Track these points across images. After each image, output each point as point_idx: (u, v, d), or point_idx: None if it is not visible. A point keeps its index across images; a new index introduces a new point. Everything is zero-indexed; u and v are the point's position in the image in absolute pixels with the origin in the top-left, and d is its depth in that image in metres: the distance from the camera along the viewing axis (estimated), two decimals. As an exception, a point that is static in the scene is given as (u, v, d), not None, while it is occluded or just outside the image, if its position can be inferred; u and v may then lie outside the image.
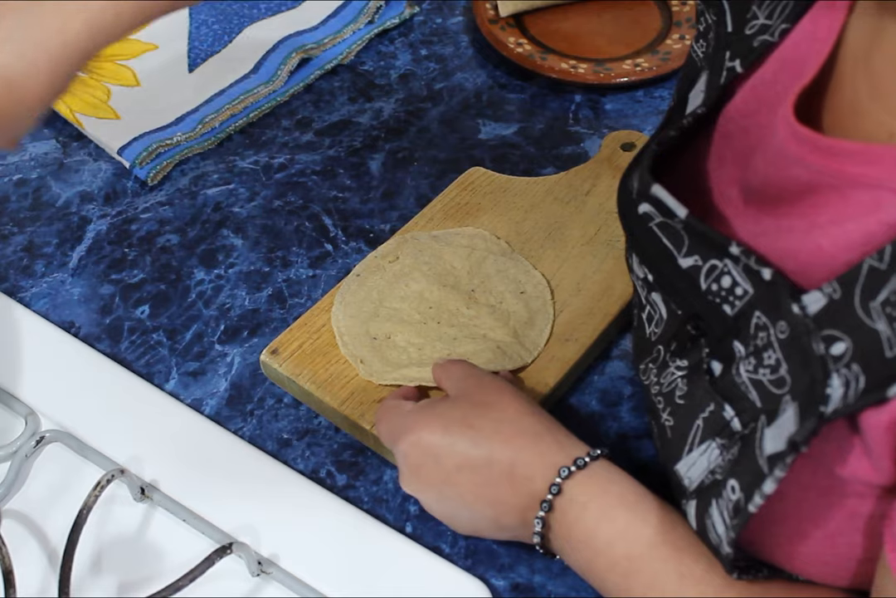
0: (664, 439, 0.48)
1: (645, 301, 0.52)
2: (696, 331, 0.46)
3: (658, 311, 0.50)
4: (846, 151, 0.38)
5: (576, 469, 0.50)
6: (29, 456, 0.62)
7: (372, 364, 0.62)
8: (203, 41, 0.86)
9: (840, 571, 0.44)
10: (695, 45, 0.50)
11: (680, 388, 0.47)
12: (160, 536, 0.60)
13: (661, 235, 0.46)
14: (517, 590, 0.58)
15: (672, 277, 0.46)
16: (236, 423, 0.65)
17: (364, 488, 0.62)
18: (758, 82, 0.45)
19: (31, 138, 0.83)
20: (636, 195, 0.47)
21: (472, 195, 0.72)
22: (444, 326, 0.63)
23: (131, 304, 0.72)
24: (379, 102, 0.84)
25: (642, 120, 0.82)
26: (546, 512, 0.50)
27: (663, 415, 0.48)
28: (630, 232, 0.51)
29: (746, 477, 0.41)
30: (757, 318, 0.41)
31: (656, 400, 0.49)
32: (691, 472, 0.46)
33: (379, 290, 0.65)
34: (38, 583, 0.58)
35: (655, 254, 0.47)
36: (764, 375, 0.40)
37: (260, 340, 0.69)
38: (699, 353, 0.46)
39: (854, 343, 0.36)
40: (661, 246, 0.46)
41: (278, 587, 0.57)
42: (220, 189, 0.79)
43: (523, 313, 0.64)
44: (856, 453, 0.39)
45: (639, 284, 0.52)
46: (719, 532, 0.43)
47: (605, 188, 0.72)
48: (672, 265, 0.45)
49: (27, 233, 0.76)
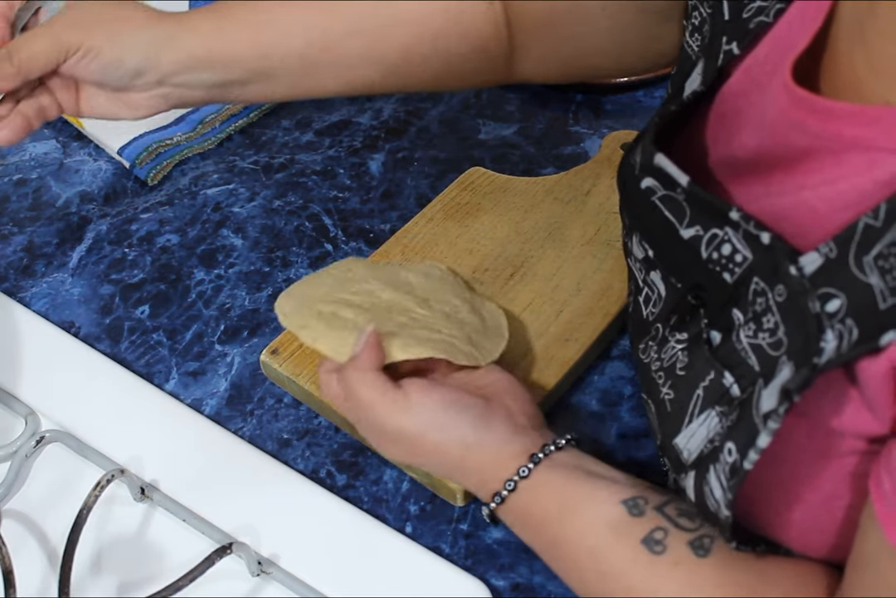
0: (663, 415, 0.49)
1: (642, 284, 0.52)
2: (696, 301, 0.47)
3: (656, 290, 0.51)
4: (843, 113, 0.39)
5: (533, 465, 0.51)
6: (29, 456, 0.62)
7: (316, 329, 0.56)
8: (203, 41, 0.86)
9: (835, 538, 0.45)
10: (689, 39, 0.51)
11: (680, 360, 0.47)
12: (160, 536, 0.60)
13: (664, 209, 0.46)
14: (517, 590, 0.58)
15: (674, 250, 0.47)
16: (236, 423, 0.65)
17: (364, 489, 0.62)
18: (752, 63, 0.46)
19: (31, 138, 0.83)
20: (639, 170, 0.48)
21: (472, 195, 0.72)
22: (395, 314, 0.58)
23: (131, 304, 0.72)
24: (379, 101, 0.84)
25: (642, 120, 0.81)
26: (509, 491, 0.51)
27: (663, 389, 0.49)
28: (632, 209, 0.51)
29: (742, 438, 0.41)
30: (755, 284, 0.42)
31: (656, 376, 0.49)
32: (691, 443, 0.46)
33: (329, 286, 0.61)
34: (38, 583, 0.58)
35: (657, 228, 0.48)
36: (763, 339, 0.41)
37: (260, 340, 0.69)
38: (698, 324, 0.47)
39: (848, 299, 0.37)
40: (662, 219, 0.47)
41: (278, 587, 0.57)
42: (220, 189, 0.79)
43: (478, 326, 0.60)
44: (854, 405, 0.39)
45: (636, 267, 0.53)
46: (717, 497, 0.44)
47: (605, 188, 0.72)
48: (674, 238, 0.46)
49: (27, 233, 0.76)
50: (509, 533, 0.60)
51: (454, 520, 0.60)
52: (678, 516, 0.48)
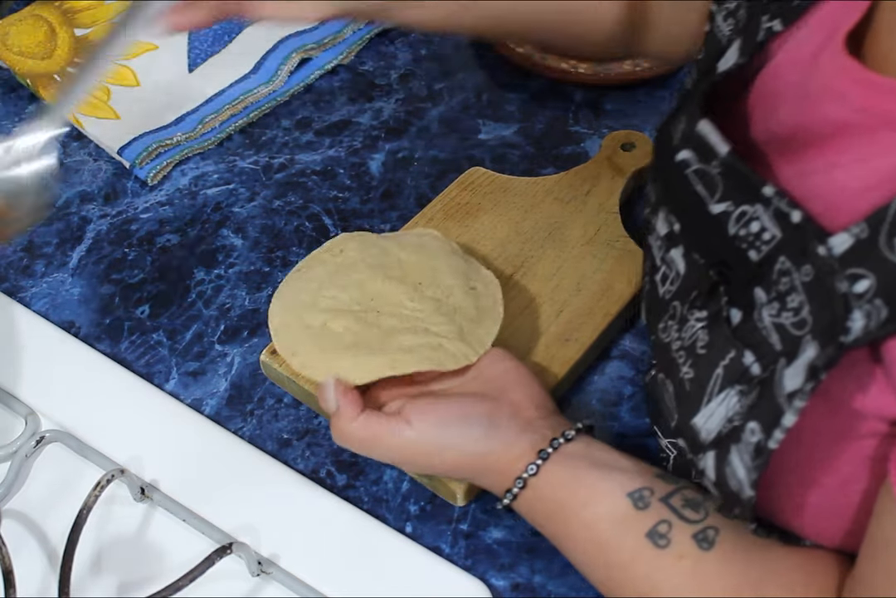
0: (682, 394, 0.49)
1: (660, 262, 0.52)
2: (719, 276, 0.47)
3: (674, 268, 0.51)
4: (886, 88, 0.40)
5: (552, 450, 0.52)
6: (29, 456, 0.62)
7: (307, 355, 0.57)
8: (203, 41, 0.86)
9: (849, 524, 0.45)
10: (722, 24, 0.51)
11: (701, 339, 0.47)
12: (160, 536, 0.60)
13: (695, 183, 0.46)
14: (517, 590, 0.58)
15: (701, 225, 0.47)
16: (236, 423, 0.65)
17: (364, 488, 0.62)
18: (796, 39, 0.46)
19: (31, 138, 0.83)
20: (677, 141, 0.48)
21: (472, 195, 0.72)
22: (385, 316, 0.58)
23: (131, 304, 0.72)
24: (379, 101, 0.84)
25: (642, 120, 0.81)
26: (520, 488, 0.52)
27: (683, 368, 0.48)
28: (663, 182, 0.51)
29: (766, 417, 0.42)
30: (781, 263, 0.42)
31: (676, 355, 0.49)
32: (709, 423, 0.46)
33: (319, 280, 0.60)
34: (38, 583, 0.58)
35: (686, 203, 0.48)
36: (786, 318, 0.41)
37: (260, 340, 0.69)
38: (718, 302, 0.47)
39: (878, 279, 0.38)
40: (692, 194, 0.47)
41: (278, 587, 0.57)
42: (220, 189, 0.79)
43: (471, 310, 0.60)
44: (878, 386, 0.40)
45: (657, 244, 0.53)
46: (740, 477, 0.44)
47: (605, 188, 0.72)
48: (702, 213, 0.46)
49: (27, 233, 0.76)
50: (509, 533, 0.60)
51: (454, 520, 0.60)
52: (683, 507, 0.49)
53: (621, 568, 0.49)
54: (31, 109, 0.85)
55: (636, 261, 0.68)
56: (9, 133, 0.82)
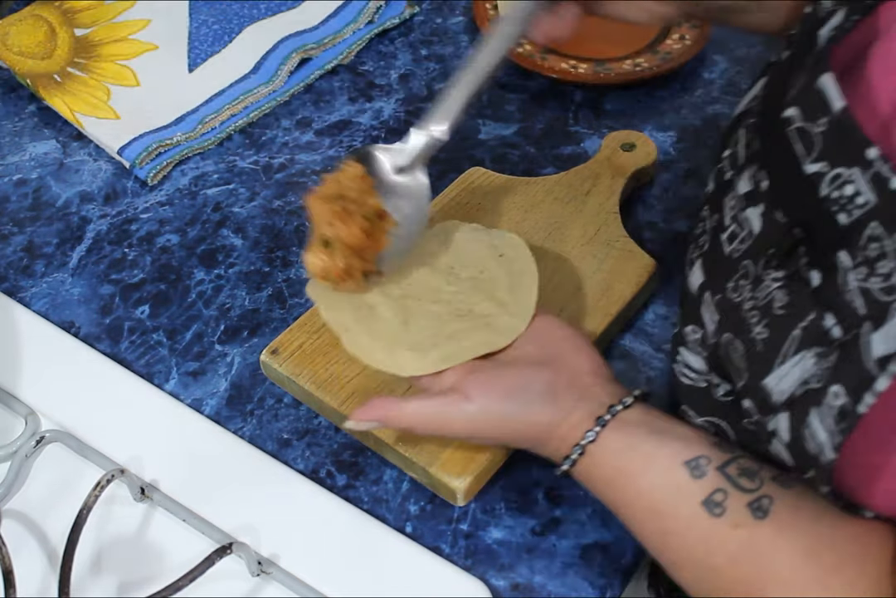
0: (753, 355, 0.49)
1: (730, 221, 0.52)
2: (802, 237, 0.47)
3: (748, 227, 0.50)
4: None
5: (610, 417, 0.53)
6: (29, 456, 0.62)
7: (358, 336, 0.56)
8: (203, 41, 0.86)
9: None
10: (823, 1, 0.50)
11: (779, 299, 0.47)
12: (160, 536, 0.60)
13: (794, 140, 0.46)
14: (517, 590, 0.58)
15: (791, 184, 0.47)
16: (236, 423, 0.65)
17: (364, 488, 0.62)
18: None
19: (31, 138, 0.83)
20: (791, 97, 0.47)
21: (472, 195, 0.72)
22: (426, 303, 0.58)
23: (131, 304, 0.72)
24: (379, 101, 0.84)
25: (642, 120, 0.82)
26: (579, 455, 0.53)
27: (756, 329, 0.48)
28: (762, 138, 0.51)
29: (851, 381, 0.42)
30: (872, 229, 0.42)
31: (749, 315, 0.49)
32: (782, 384, 0.46)
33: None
34: (38, 583, 0.58)
35: (781, 160, 0.47)
36: (874, 283, 0.41)
37: (260, 340, 0.69)
38: (797, 263, 0.47)
39: None
40: (789, 151, 0.46)
41: (278, 587, 0.57)
42: (220, 189, 0.79)
43: (506, 279, 0.60)
44: None
45: (730, 204, 0.52)
46: (820, 440, 0.44)
47: (605, 188, 0.72)
48: (795, 172, 0.46)
49: (27, 233, 0.76)
50: (509, 533, 0.60)
51: (454, 520, 0.60)
52: (739, 476, 0.49)
53: (677, 535, 0.50)
54: (31, 108, 0.85)
55: (636, 261, 0.68)
56: (9, 132, 0.83)
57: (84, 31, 0.88)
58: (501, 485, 0.61)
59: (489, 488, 0.61)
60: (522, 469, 0.62)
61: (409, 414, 0.54)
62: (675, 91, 0.84)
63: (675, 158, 0.79)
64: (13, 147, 0.82)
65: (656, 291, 0.70)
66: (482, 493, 0.60)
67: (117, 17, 0.89)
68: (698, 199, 0.75)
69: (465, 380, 0.54)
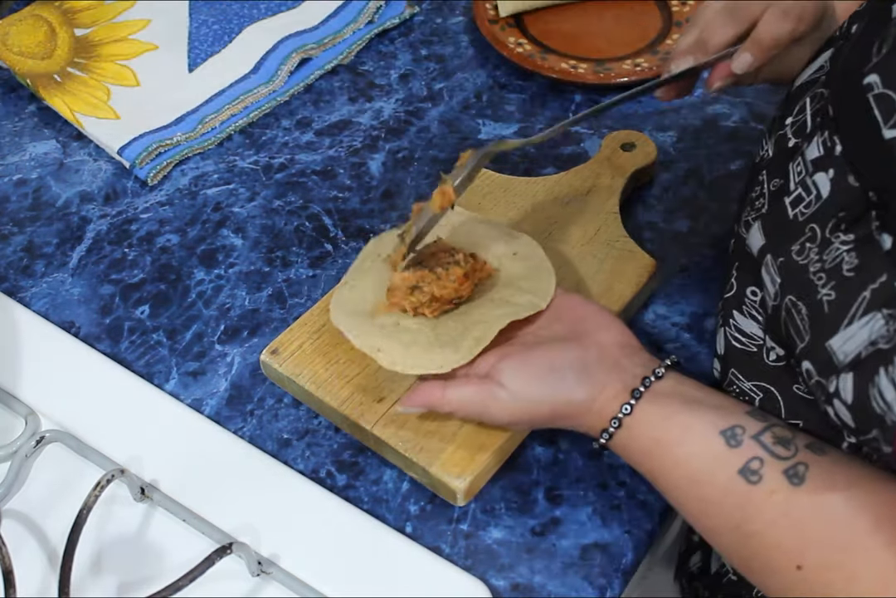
0: (818, 317, 0.49)
1: (795, 186, 0.53)
2: (877, 200, 0.47)
3: (815, 191, 0.51)
4: None
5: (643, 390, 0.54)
6: (29, 456, 0.62)
7: (392, 351, 0.57)
8: (203, 41, 0.86)
9: None
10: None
11: (848, 261, 0.48)
12: (160, 536, 0.60)
13: (875, 106, 0.47)
14: (517, 590, 0.58)
15: (868, 149, 0.47)
16: (236, 423, 0.65)
17: (364, 489, 0.62)
18: None
19: (31, 138, 0.83)
20: (871, 66, 0.48)
21: (472, 195, 0.72)
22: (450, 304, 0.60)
23: (131, 304, 0.72)
24: (379, 101, 0.84)
25: (642, 120, 0.82)
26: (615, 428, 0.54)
27: (823, 290, 0.49)
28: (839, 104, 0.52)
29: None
30: None
31: (815, 277, 0.50)
32: (847, 345, 0.47)
33: (372, 290, 0.62)
34: (38, 583, 0.58)
35: (860, 125, 0.48)
36: None
37: (260, 340, 0.69)
38: (868, 226, 0.47)
39: None
40: (868, 117, 0.47)
41: (278, 587, 0.57)
42: (220, 189, 0.79)
43: (523, 272, 0.61)
44: None
45: (797, 169, 0.53)
46: (888, 399, 0.44)
47: (605, 188, 0.72)
48: (874, 136, 0.46)
49: (27, 233, 0.76)
50: (509, 533, 0.60)
51: (454, 520, 0.60)
52: (774, 444, 0.50)
53: (714, 503, 0.51)
54: (31, 108, 0.85)
55: (636, 261, 0.68)
56: (9, 132, 0.83)
57: (84, 31, 0.88)
58: (501, 485, 0.61)
59: (489, 488, 0.61)
60: (522, 469, 0.62)
61: (451, 400, 0.55)
62: (675, 91, 0.84)
63: (675, 158, 0.79)
64: (13, 147, 0.82)
65: (656, 291, 0.70)
66: (482, 493, 0.60)
67: (117, 17, 0.89)
68: (698, 199, 0.76)
69: (497, 367, 0.55)
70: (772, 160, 0.57)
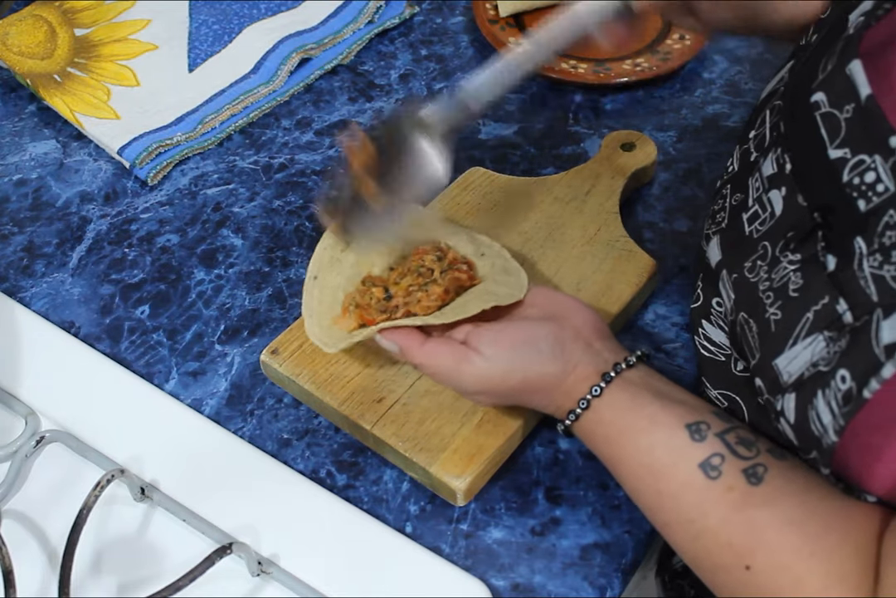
0: (766, 335, 0.49)
1: (753, 202, 0.53)
2: (821, 221, 0.47)
3: (770, 208, 0.51)
4: None
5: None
6: (29, 456, 0.62)
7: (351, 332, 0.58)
8: (203, 41, 0.86)
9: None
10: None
11: (794, 281, 0.48)
12: (160, 536, 0.60)
13: (820, 125, 0.47)
14: (517, 590, 0.58)
15: (814, 168, 0.47)
16: (236, 423, 0.65)
17: (364, 489, 0.62)
18: None
19: (31, 138, 0.83)
20: (818, 83, 0.48)
21: (472, 195, 0.72)
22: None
23: (131, 304, 0.72)
24: (379, 101, 0.84)
25: (642, 120, 0.82)
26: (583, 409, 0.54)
27: (770, 309, 0.49)
28: (789, 122, 0.52)
29: (859, 366, 0.42)
30: (890, 216, 0.42)
31: (764, 296, 0.50)
32: (791, 365, 0.47)
33: (343, 288, 0.61)
34: (38, 583, 0.58)
35: (806, 144, 0.48)
36: (888, 271, 0.42)
37: (260, 340, 0.69)
38: (814, 247, 0.47)
39: None
40: (815, 136, 0.47)
41: (278, 587, 0.57)
42: (220, 189, 0.79)
43: (494, 270, 0.61)
44: None
45: (755, 185, 0.53)
46: (825, 422, 0.45)
47: (605, 188, 0.72)
48: (819, 155, 0.46)
49: (27, 233, 0.76)
50: (509, 533, 0.60)
51: (454, 520, 0.60)
52: (737, 443, 0.50)
53: (671, 496, 0.51)
54: (31, 108, 0.85)
55: (636, 261, 0.68)
56: (9, 132, 0.83)
57: (84, 31, 0.88)
58: (501, 485, 0.61)
59: (489, 488, 0.61)
60: (522, 469, 0.62)
61: (425, 351, 0.55)
62: (675, 91, 0.84)
63: (675, 158, 0.79)
64: (13, 147, 0.82)
65: (656, 291, 0.70)
66: (482, 493, 0.60)
67: (117, 17, 0.89)
68: (698, 199, 0.76)
69: (474, 333, 0.55)
70: (736, 174, 0.57)
